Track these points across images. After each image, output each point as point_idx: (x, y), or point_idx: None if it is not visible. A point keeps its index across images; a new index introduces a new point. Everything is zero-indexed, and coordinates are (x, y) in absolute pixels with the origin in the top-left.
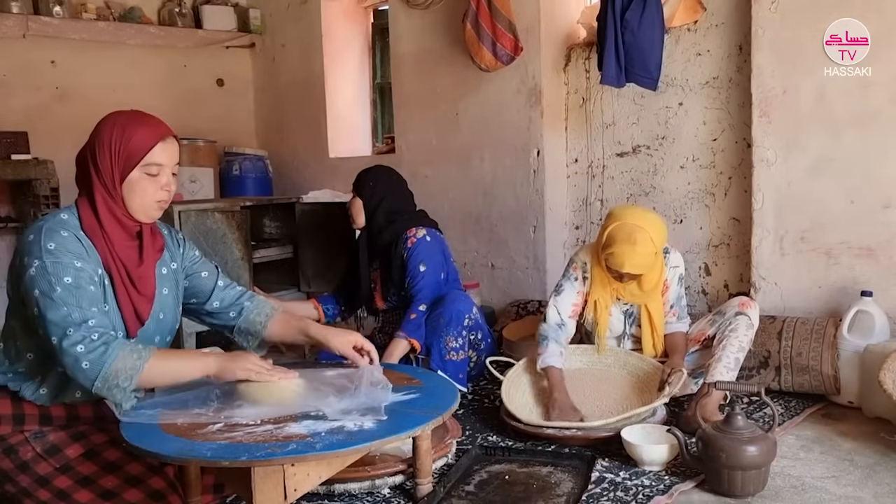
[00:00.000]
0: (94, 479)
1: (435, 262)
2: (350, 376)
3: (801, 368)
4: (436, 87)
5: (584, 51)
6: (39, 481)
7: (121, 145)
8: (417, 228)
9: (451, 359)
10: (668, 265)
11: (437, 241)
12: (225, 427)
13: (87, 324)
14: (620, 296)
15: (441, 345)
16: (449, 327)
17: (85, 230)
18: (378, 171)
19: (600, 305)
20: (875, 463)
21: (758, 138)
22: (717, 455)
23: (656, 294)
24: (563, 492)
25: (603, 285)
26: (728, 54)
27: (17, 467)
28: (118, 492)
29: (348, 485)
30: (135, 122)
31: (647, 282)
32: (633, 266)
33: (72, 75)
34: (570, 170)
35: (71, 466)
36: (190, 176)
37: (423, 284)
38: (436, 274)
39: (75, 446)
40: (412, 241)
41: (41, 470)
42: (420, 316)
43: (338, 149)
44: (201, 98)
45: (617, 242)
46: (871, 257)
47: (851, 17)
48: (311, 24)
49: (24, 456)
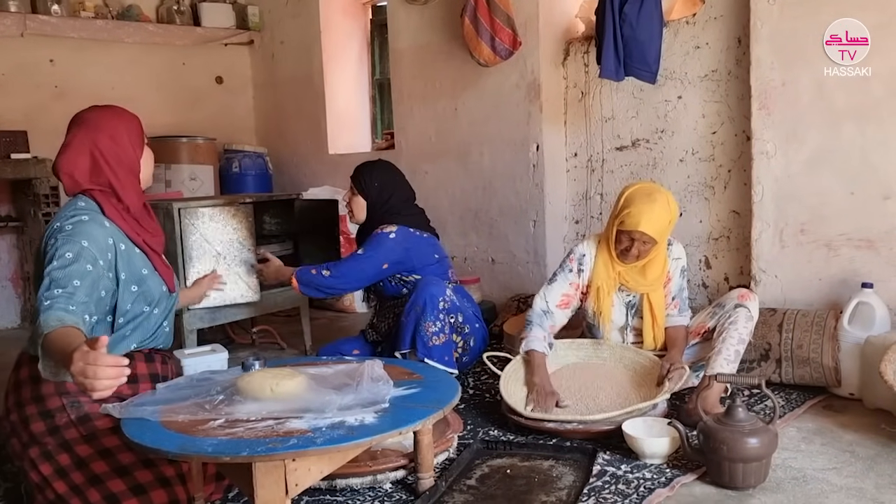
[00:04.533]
0: (114, 452)
1: (378, 252)
2: (350, 373)
3: (801, 360)
4: (435, 82)
5: (582, 45)
6: (63, 445)
7: (133, 128)
8: (386, 225)
9: (434, 344)
10: (671, 257)
11: (401, 239)
12: (226, 423)
13: (59, 289)
14: (624, 282)
15: (422, 332)
16: (425, 313)
17: (107, 214)
18: (382, 169)
19: (602, 292)
20: (876, 454)
21: (757, 131)
22: (719, 447)
23: (658, 285)
24: (564, 485)
25: (606, 272)
26: (727, 47)
27: (48, 430)
28: (131, 470)
29: (350, 480)
30: (122, 110)
31: (651, 270)
32: (648, 224)
33: (70, 74)
34: (570, 164)
35: (96, 437)
36: (190, 174)
37: (346, 260)
38: (364, 260)
39: (105, 419)
40: (376, 233)
41: (68, 435)
42: (318, 274)
43: (337, 145)
44: (200, 96)
45: (635, 202)
46: (872, 249)
47: (850, 9)
48: (309, 21)
49: (58, 421)
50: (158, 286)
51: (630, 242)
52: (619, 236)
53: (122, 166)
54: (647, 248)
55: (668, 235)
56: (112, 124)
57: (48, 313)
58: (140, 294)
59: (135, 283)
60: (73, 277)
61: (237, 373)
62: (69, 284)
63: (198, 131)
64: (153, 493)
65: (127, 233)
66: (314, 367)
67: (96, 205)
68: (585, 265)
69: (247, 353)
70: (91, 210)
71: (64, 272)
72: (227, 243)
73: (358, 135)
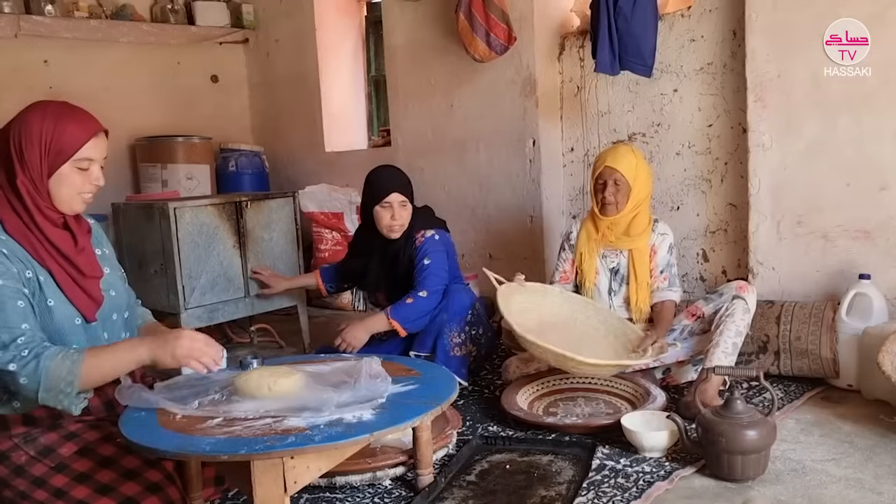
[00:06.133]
0: (91, 474)
1: (440, 255)
2: (348, 370)
3: (800, 352)
4: (430, 78)
5: (577, 39)
6: (36, 482)
7: (52, 139)
8: (425, 230)
9: (454, 354)
10: (657, 231)
11: (443, 240)
12: (223, 421)
13: (15, 342)
14: (609, 242)
15: (445, 340)
16: (452, 322)
17: (9, 232)
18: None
19: (585, 256)
20: (874, 445)
21: (753, 123)
22: (717, 440)
23: (643, 241)
24: (564, 480)
25: (588, 237)
26: (722, 39)
27: (11, 472)
28: (115, 486)
29: (349, 477)
30: (66, 116)
31: (634, 226)
32: (614, 160)
33: (65, 74)
34: (566, 159)
35: (66, 465)
36: (186, 173)
37: (427, 273)
38: (441, 265)
39: (68, 445)
40: (419, 241)
41: (36, 471)
42: (417, 301)
43: (333, 143)
44: (196, 95)
45: (603, 152)
46: (869, 240)
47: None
48: (304, 19)
49: (17, 461)
50: (69, 318)
51: (605, 187)
52: (595, 187)
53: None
54: (621, 190)
55: (643, 189)
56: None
57: (43, 363)
58: (43, 329)
59: (37, 315)
60: (19, 323)
61: (235, 371)
62: (18, 329)
63: (193, 131)
64: (145, 501)
65: (31, 253)
66: (312, 364)
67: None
68: (573, 239)
69: (245, 352)
70: None
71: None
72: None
73: (354, 132)
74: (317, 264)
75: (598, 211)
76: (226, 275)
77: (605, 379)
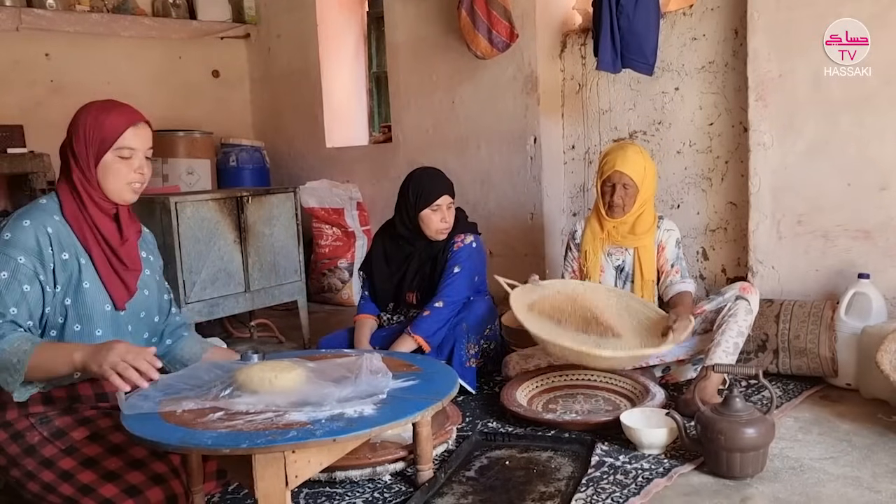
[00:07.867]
0: (99, 460)
1: (471, 267)
2: (349, 366)
3: (798, 351)
4: (431, 75)
5: (579, 37)
6: (44, 463)
7: (94, 130)
8: (465, 235)
9: (469, 366)
10: (662, 228)
11: (479, 248)
12: (225, 415)
13: (2, 317)
14: (615, 240)
15: (461, 351)
16: (470, 333)
17: (65, 215)
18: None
19: (590, 254)
20: (873, 443)
21: (754, 122)
22: (716, 437)
23: (648, 239)
24: (563, 476)
25: (593, 235)
26: (724, 38)
27: (23, 451)
28: (121, 473)
29: (349, 472)
30: (107, 108)
31: (639, 224)
32: (624, 164)
33: (66, 68)
34: (567, 156)
35: (76, 448)
36: (187, 168)
37: (451, 283)
38: (468, 278)
39: (81, 429)
40: (458, 245)
41: (47, 452)
42: (435, 313)
43: (334, 138)
44: (197, 90)
45: (611, 153)
46: (868, 239)
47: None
48: (306, 14)
49: (30, 440)
50: (100, 303)
51: (613, 190)
52: (603, 189)
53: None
54: (629, 193)
55: (650, 188)
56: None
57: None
58: (73, 309)
59: (70, 296)
60: (9, 305)
61: (236, 366)
62: (7, 311)
63: (194, 125)
64: (148, 492)
65: (79, 236)
66: (313, 359)
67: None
68: (578, 238)
69: (245, 347)
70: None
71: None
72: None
73: (355, 128)
74: (317, 259)
75: (605, 213)
76: (226, 270)
77: (608, 374)
